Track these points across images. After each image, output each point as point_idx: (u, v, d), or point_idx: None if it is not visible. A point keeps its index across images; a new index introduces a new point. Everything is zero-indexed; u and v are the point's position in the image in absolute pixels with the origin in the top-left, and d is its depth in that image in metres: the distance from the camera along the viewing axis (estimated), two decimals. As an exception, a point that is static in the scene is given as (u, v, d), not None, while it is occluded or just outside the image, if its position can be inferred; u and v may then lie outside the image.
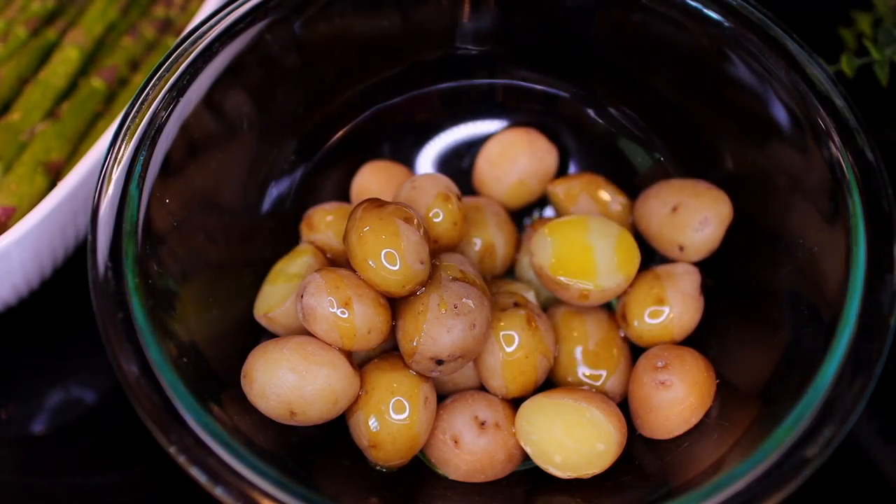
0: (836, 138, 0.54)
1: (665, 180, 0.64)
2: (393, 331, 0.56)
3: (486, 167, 0.69)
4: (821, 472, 0.45)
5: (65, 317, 0.73)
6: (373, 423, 0.54)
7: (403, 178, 0.67)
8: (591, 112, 0.70)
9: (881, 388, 0.48)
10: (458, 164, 0.72)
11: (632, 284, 0.60)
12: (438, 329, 0.53)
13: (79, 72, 0.74)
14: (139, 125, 0.56)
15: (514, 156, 0.68)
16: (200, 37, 0.59)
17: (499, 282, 0.64)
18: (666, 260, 0.63)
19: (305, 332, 0.55)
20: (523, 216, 0.71)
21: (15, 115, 0.70)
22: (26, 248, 0.63)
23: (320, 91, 0.69)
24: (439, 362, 0.54)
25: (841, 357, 0.48)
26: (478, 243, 0.64)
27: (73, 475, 0.66)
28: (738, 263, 0.62)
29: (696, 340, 0.61)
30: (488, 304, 0.55)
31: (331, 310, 0.53)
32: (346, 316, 0.53)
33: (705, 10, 0.59)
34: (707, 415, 0.56)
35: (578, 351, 0.59)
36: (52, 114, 0.71)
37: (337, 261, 0.62)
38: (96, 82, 0.73)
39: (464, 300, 0.54)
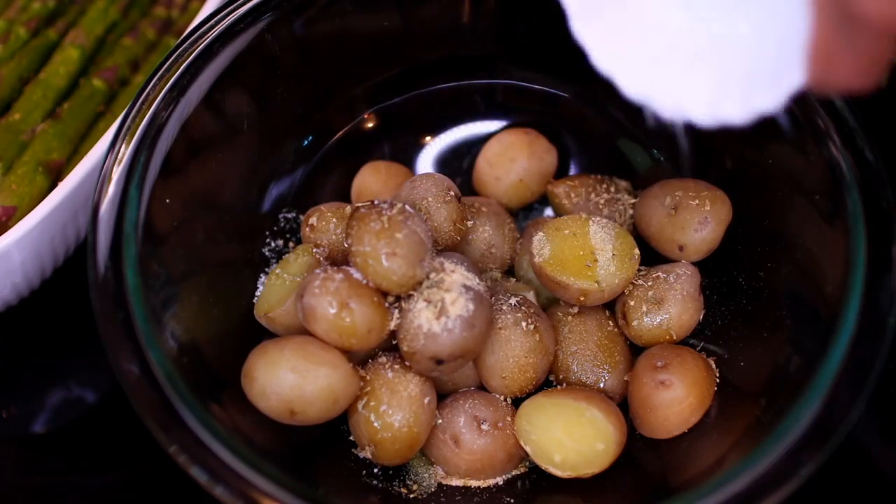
0: (836, 138, 0.54)
1: (665, 180, 0.64)
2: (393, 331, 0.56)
3: (486, 167, 0.69)
4: (821, 472, 0.45)
5: (65, 317, 0.73)
6: (373, 422, 0.54)
7: (403, 178, 0.67)
8: (590, 112, 0.71)
9: (881, 388, 0.48)
10: (458, 164, 0.72)
11: (632, 284, 0.60)
12: (438, 329, 0.53)
13: (79, 72, 0.74)
14: (139, 125, 0.56)
15: (513, 156, 0.68)
16: (201, 37, 0.59)
17: (499, 282, 0.64)
18: (666, 260, 0.63)
19: (305, 332, 0.55)
20: (523, 216, 0.71)
21: (16, 115, 0.70)
22: (27, 247, 0.63)
23: (320, 91, 0.69)
24: (439, 362, 0.54)
25: (841, 357, 0.48)
26: (478, 243, 0.64)
27: (73, 475, 0.66)
28: (738, 263, 0.62)
29: (696, 340, 0.61)
30: (488, 304, 0.55)
31: (331, 310, 0.53)
32: (346, 316, 0.53)
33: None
34: (707, 415, 0.56)
35: (578, 351, 0.59)
36: (52, 114, 0.71)
37: (337, 261, 0.63)
38: (97, 82, 0.73)
39: (464, 300, 0.54)
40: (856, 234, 0.51)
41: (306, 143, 0.69)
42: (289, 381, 0.52)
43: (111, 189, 0.54)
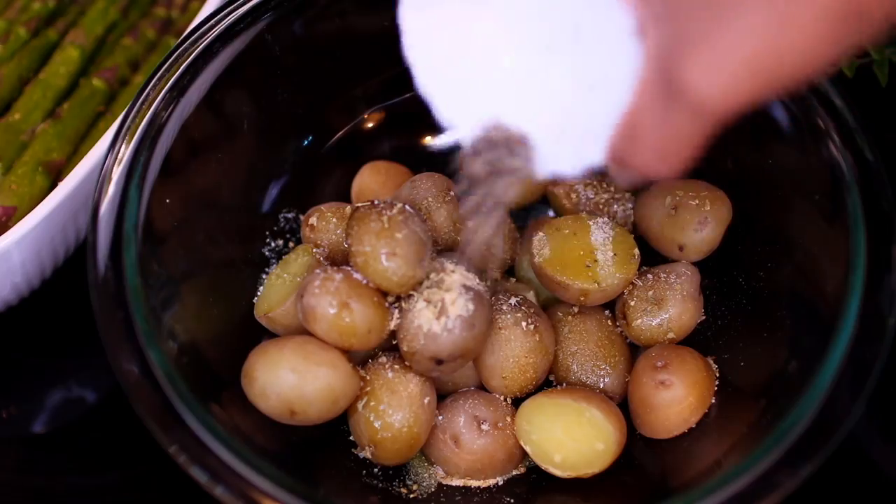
0: (836, 138, 0.54)
1: (665, 180, 0.64)
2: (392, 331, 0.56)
3: (487, 167, 0.69)
4: (821, 472, 0.45)
5: (65, 317, 0.73)
6: (373, 422, 0.54)
7: (403, 178, 0.67)
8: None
9: (881, 388, 0.48)
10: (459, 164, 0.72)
11: (632, 284, 0.60)
12: (438, 329, 0.53)
13: (79, 72, 0.74)
14: (139, 125, 0.56)
15: (514, 156, 0.68)
16: (201, 37, 0.59)
17: (499, 282, 0.64)
18: (666, 260, 0.63)
19: (305, 332, 0.55)
20: (523, 216, 0.71)
21: (16, 115, 0.70)
22: (27, 247, 0.63)
23: (320, 91, 0.69)
24: (439, 362, 0.54)
25: (841, 357, 0.48)
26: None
27: (73, 475, 0.66)
28: (737, 263, 0.62)
29: (696, 340, 0.61)
30: (488, 304, 0.55)
31: (331, 310, 0.53)
32: (346, 316, 0.53)
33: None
34: (707, 415, 0.56)
35: (578, 351, 0.59)
36: (52, 114, 0.71)
37: (337, 261, 0.62)
38: (97, 82, 0.73)
39: (464, 300, 0.53)
40: (856, 234, 0.51)
41: (306, 143, 0.69)
42: (289, 381, 0.52)
43: (111, 189, 0.54)
